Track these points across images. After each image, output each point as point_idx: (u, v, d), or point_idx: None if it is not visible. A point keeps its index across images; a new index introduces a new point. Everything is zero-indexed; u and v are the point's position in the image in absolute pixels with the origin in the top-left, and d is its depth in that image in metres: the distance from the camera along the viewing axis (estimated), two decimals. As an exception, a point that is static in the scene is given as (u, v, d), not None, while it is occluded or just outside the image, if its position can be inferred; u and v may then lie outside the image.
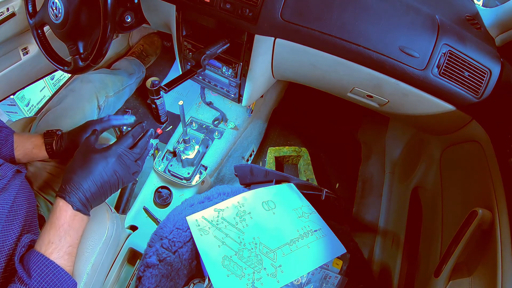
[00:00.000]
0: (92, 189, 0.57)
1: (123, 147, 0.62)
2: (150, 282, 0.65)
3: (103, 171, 0.58)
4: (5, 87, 1.02)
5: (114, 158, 0.60)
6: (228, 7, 0.71)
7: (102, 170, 0.58)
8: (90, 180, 0.57)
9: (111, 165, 0.59)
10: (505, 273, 0.48)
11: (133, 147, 0.64)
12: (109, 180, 0.59)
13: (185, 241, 0.69)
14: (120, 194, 0.98)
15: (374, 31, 0.66)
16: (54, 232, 0.54)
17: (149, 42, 1.53)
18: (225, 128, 1.17)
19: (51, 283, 0.51)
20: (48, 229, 0.54)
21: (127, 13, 0.80)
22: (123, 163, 0.61)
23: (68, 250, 0.55)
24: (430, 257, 0.72)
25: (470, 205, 0.60)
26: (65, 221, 0.55)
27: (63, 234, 0.54)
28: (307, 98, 1.50)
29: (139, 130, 0.67)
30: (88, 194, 0.57)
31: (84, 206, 0.57)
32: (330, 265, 0.68)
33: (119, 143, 0.62)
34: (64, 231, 0.54)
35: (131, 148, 0.64)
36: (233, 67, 0.84)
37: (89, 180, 0.57)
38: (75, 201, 0.56)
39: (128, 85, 1.31)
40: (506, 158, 0.57)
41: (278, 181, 0.84)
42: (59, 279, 0.52)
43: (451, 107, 0.68)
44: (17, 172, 0.71)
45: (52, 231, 0.54)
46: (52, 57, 0.82)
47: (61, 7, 0.71)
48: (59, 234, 0.54)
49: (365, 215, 1.17)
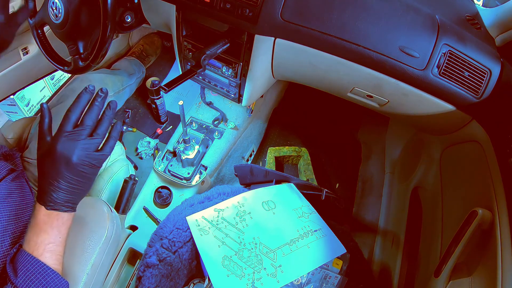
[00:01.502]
0: (55, 187, 0.53)
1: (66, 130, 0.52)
2: (150, 282, 0.65)
3: (53, 165, 0.52)
4: (5, 87, 1.02)
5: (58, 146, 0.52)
6: (228, 7, 0.71)
7: (51, 165, 0.52)
8: (50, 179, 0.53)
9: (58, 156, 0.52)
10: (505, 273, 0.48)
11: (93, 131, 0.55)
12: (64, 172, 0.53)
13: (185, 241, 0.69)
14: (120, 194, 0.98)
15: (374, 31, 0.66)
16: (31, 230, 0.54)
17: (149, 42, 1.53)
18: (225, 128, 1.17)
19: (36, 280, 0.51)
20: (29, 228, 0.55)
21: (127, 13, 0.80)
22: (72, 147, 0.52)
23: (49, 248, 0.54)
24: (430, 257, 0.72)
25: (470, 205, 0.60)
26: (40, 219, 0.54)
27: (39, 232, 0.54)
28: (307, 98, 1.50)
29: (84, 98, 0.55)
30: (53, 192, 0.53)
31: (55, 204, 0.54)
32: (330, 265, 0.68)
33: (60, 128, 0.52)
34: (40, 229, 0.54)
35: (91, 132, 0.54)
36: (233, 67, 0.84)
37: (48, 178, 0.53)
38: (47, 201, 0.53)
39: (128, 85, 1.31)
40: (506, 158, 0.57)
41: (278, 181, 0.84)
42: (44, 276, 0.52)
43: (451, 107, 0.68)
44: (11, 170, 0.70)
45: (31, 229, 0.54)
46: (52, 57, 0.82)
47: (61, 7, 0.71)
48: (36, 232, 0.54)
49: (365, 215, 1.17)
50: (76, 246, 0.67)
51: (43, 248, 0.54)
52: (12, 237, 0.61)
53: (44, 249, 0.54)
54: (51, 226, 0.54)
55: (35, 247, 0.53)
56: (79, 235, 0.68)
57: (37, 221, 0.54)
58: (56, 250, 0.55)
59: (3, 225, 0.60)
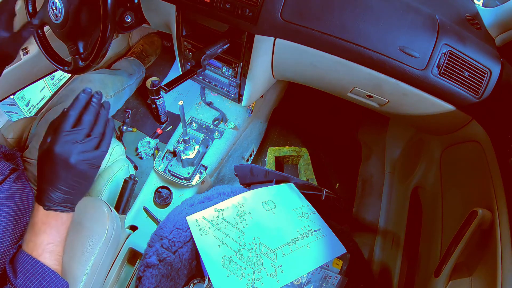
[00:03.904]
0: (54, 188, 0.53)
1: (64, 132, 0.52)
2: (150, 282, 0.65)
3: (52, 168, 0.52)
4: (5, 87, 1.02)
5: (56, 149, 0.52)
6: (228, 7, 0.71)
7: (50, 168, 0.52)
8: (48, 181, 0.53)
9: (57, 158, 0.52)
10: (505, 273, 0.48)
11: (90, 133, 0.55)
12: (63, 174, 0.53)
13: (185, 241, 0.69)
14: (120, 194, 0.98)
15: (374, 31, 0.66)
16: (30, 230, 0.54)
17: (149, 42, 1.53)
18: (225, 128, 1.17)
19: (35, 281, 0.51)
20: (28, 229, 0.55)
21: (127, 13, 0.80)
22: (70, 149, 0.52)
23: (48, 248, 0.54)
24: (430, 257, 0.72)
25: (470, 205, 0.60)
26: (39, 220, 0.54)
27: (38, 232, 0.54)
28: (307, 98, 1.50)
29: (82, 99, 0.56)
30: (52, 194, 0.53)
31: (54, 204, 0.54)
32: (330, 265, 0.68)
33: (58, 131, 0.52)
34: (39, 230, 0.54)
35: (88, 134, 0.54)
36: (233, 67, 0.84)
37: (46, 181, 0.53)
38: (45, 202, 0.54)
39: (128, 85, 1.31)
40: (506, 158, 0.57)
41: (278, 181, 0.84)
42: (44, 277, 0.52)
43: (451, 107, 0.68)
44: (13, 170, 0.70)
45: (30, 230, 0.54)
46: (52, 57, 0.82)
47: (61, 7, 0.71)
48: (35, 232, 0.54)
49: (365, 215, 1.17)
50: (76, 246, 0.67)
51: (43, 248, 0.54)
52: (13, 237, 0.61)
53: (44, 249, 0.54)
54: (49, 226, 0.54)
55: (34, 248, 0.53)
56: (79, 235, 0.68)
57: (36, 221, 0.54)
58: (56, 250, 0.55)
59: (4, 225, 0.60)
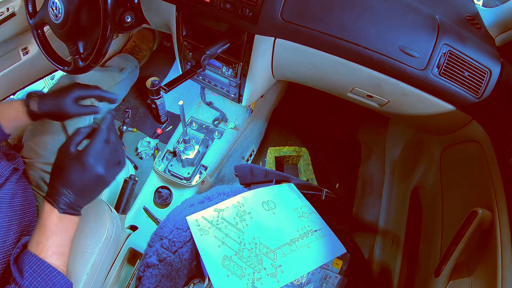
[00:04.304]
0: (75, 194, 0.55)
1: (98, 145, 0.57)
2: (150, 282, 0.65)
3: (82, 175, 0.55)
4: (5, 87, 1.02)
5: (90, 159, 0.55)
6: (228, 7, 0.71)
7: (80, 175, 0.55)
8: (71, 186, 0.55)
9: (90, 168, 0.55)
10: (505, 273, 0.48)
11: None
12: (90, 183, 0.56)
13: (185, 241, 0.69)
14: (120, 194, 0.98)
15: (374, 31, 0.66)
16: (41, 232, 0.54)
17: (140, 36, 1.52)
18: (225, 128, 1.17)
19: (42, 282, 0.51)
20: (37, 231, 0.54)
21: (127, 13, 0.80)
22: (102, 161, 0.57)
23: (58, 250, 0.54)
24: (430, 257, 0.72)
25: (470, 205, 0.60)
26: (52, 223, 0.54)
27: (50, 234, 0.54)
28: (307, 98, 1.50)
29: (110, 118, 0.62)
30: (72, 199, 0.55)
31: (71, 208, 0.55)
32: (330, 265, 0.68)
33: (93, 143, 0.57)
34: (51, 232, 0.54)
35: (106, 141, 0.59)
36: (233, 67, 0.84)
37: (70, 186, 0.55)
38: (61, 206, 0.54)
39: (121, 80, 1.30)
40: (506, 158, 0.57)
41: (278, 181, 0.84)
42: (51, 278, 0.52)
43: (451, 107, 0.68)
44: (14, 170, 0.70)
45: (40, 232, 0.54)
46: (52, 57, 0.82)
47: (61, 7, 0.71)
48: (46, 234, 0.54)
49: (365, 215, 1.17)
50: (76, 246, 0.66)
51: (52, 250, 0.54)
52: (14, 237, 0.61)
53: (53, 251, 0.54)
54: (61, 229, 0.55)
55: (44, 249, 0.53)
56: (79, 235, 0.68)
57: (48, 223, 0.54)
58: (64, 251, 0.56)
59: (7, 225, 0.60)
